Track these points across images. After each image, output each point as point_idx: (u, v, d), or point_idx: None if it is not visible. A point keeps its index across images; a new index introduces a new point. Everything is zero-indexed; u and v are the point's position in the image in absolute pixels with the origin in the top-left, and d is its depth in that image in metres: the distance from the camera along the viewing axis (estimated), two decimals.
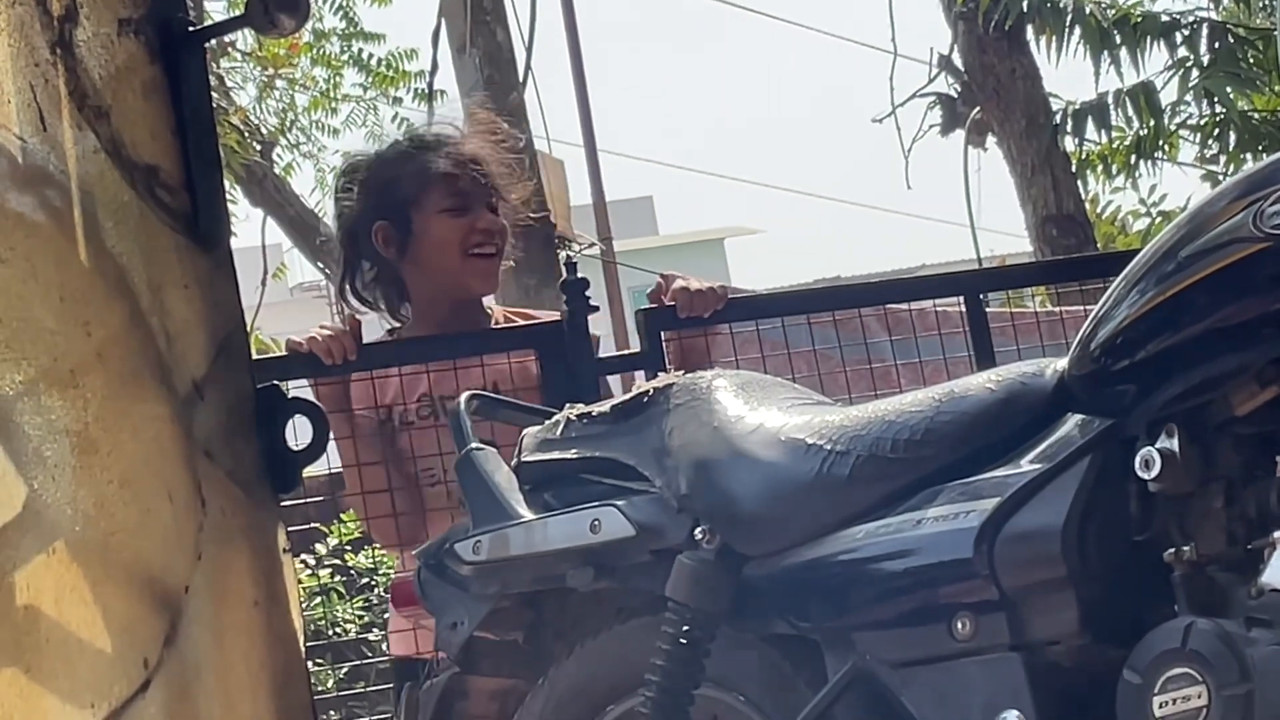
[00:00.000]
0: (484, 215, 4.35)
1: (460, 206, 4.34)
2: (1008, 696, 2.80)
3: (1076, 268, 6.37)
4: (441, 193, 4.34)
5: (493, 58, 8.50)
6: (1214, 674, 2.58)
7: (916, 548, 2.89)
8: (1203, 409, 2.73)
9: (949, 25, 10.02)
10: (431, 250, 4.36)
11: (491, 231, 4.36)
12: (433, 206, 4.34)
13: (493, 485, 3.35)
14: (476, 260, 4.37)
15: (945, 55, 10.13)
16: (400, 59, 13.07)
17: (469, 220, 4.34)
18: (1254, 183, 2.68)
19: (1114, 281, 2.82)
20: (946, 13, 9.97)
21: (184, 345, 2.39)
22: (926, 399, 3.03)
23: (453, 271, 4.39)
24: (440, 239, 4.35)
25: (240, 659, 2.38)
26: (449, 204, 4.34)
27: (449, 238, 4.34)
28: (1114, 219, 12.20)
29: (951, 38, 10.04)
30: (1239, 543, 2.69)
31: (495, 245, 4.37)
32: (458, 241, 4.34)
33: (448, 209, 4.34)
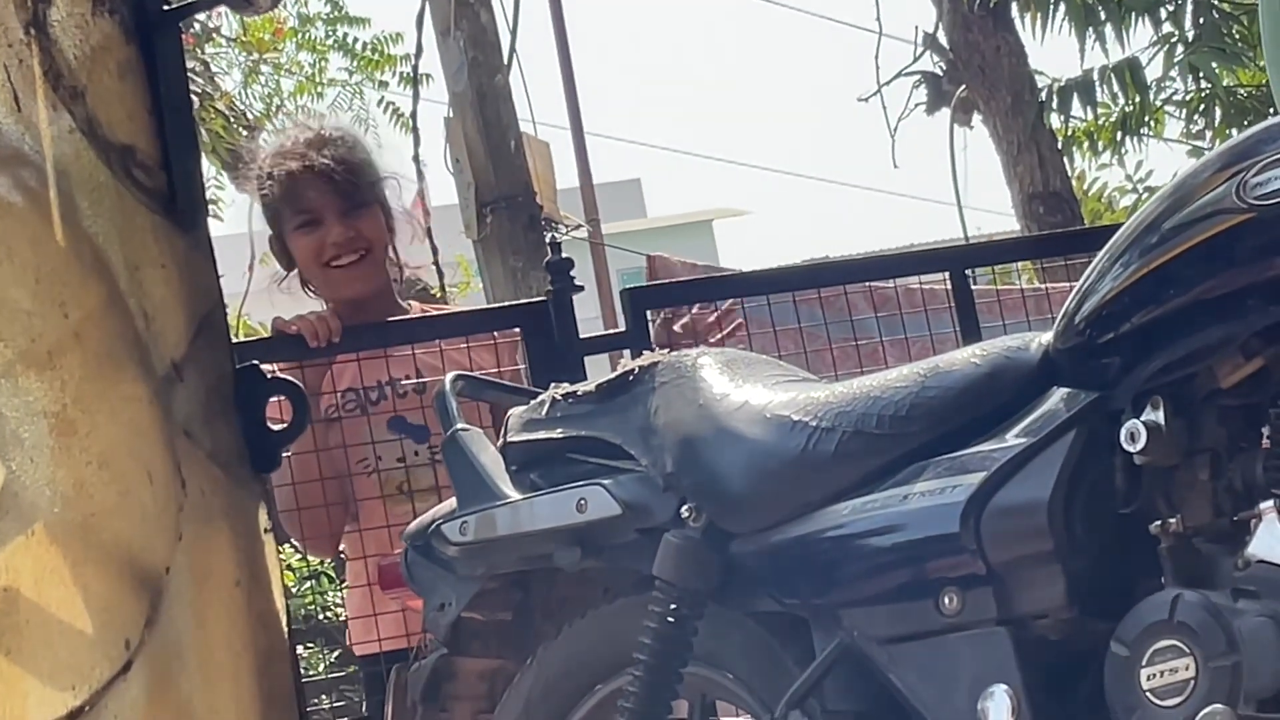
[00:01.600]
0: (334, 227, 4.35)
1: (308, 222, 4.37)
2: (995, 671, 2.80)
3: (1061, 243, 6.39)
4: (290, 213, 4.38)
5: (477, 40, 8.48)
6: (1201, 645, 2.58)
7: (903, 523, 2.89)
8: (1188, 381, 2.73)
9: (934, 3, 10.02)
10: (301, 266, 4.43)
11: (343, 242, 4.35)
12: (289, 225, 4.39)
13: (479, 466, 3.35)
14: (337, 272, 4.39)
15: (930, 33, 10.12)
16: (385, 43, 13.06)
17: (319, 235, 4.35)
18: (1237, 154, 2.67)
19: (1099, 255, 2.81)
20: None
21: (162, 325, 2.38)
22: (911, 374, 3.02)
23: (320, 284, 4.43)
24: (300, 257, 4.41)
25: (222, 640, 2.37)
26: (297, 222, 4.38)
27: (305, 256, 4.39)
28: (1100, 196, 12.21)
29: (936, 15, 10.04)
30: (1225, 514, 2.69)
31: (358, 250, 4.36)
32: (313, 258, 4.38)
33: (298, 227, 4.38)
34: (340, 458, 4.35)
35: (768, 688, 3.05)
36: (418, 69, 9.89)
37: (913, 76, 10.23)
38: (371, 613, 4.31)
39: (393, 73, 12.97)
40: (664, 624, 3.09)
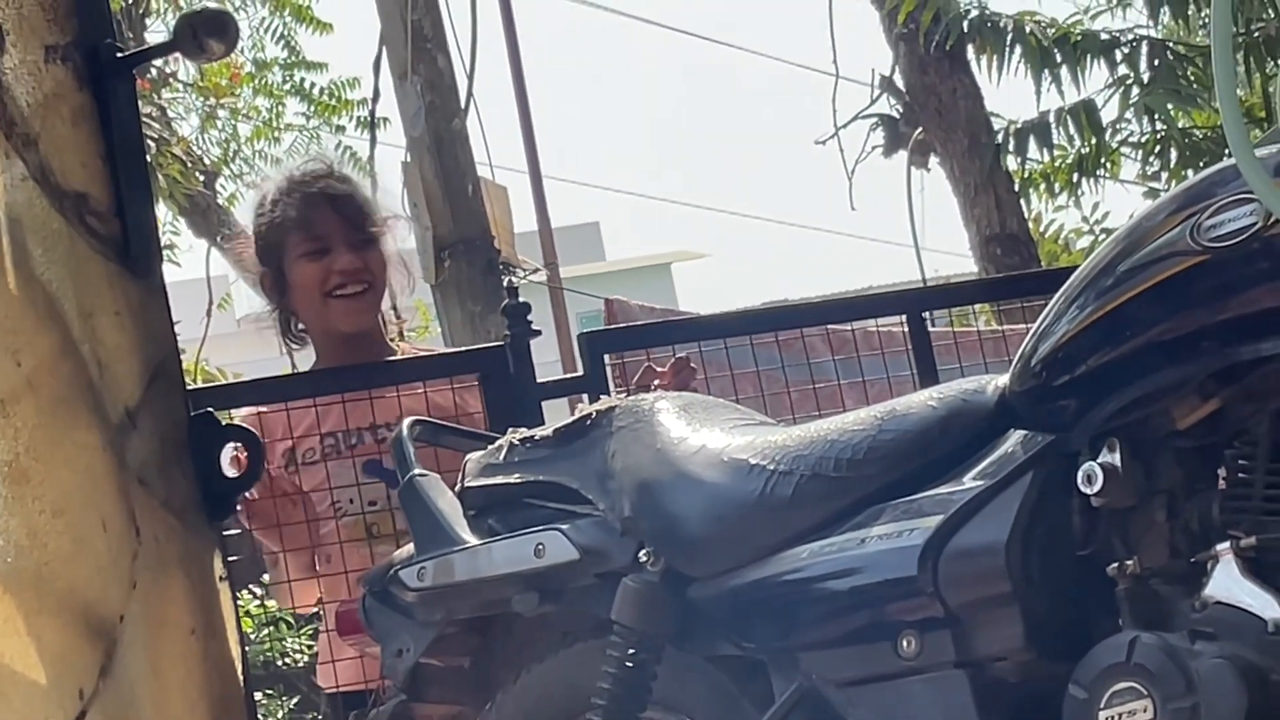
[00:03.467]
0: (343, 255, 4.32)
1: (317, 249, 4.33)
2: (954, 714, 2.81)
3: (1018, 285, 6.39)
4: (298, 238, 4.34)
5: (434, 84, 8.48)
6: (1159, 687, 2.58)
7: (861, 566, 2.89)
8: (1144, 423, 2.73)
9: (890, 46, 10.04)
10: (299, 295, 4.38)
11: (352, 270, 4.33)
12: (293, 251, 4.34)
13: (436, 511, 3.35)
14: (339, 301, 4.36)
15: (887, 76, 10.14)
16: (342, 88, 13.09)
17: (326, 262, 4.32)
18: (1192, 196, 2.69)
19: (1055, 297, 2.82)
20: (887, 34, 9.98)
21: (116, 373, 2.37)
22: (869, 417, 3.03)
23: (319, 314, 4.38)
24: (302, 284, 4.36)
25: (178, 688, 2.36)
26: (305, 248, 4.33)
27: (308, 283, 4.34)
28: (1057, 237, 12.25)
29: (893, 59, 10.05)
30: (1182, 555, 2.70)
31: (363, 281, 4.34)
32: (317, 285, 4.34)
33: (305, 253, 4.34)
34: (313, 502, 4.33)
35: None
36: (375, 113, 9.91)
37: (870, 119, 10.24)
38: (331, 659, 4.29)
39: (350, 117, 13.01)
40: (622, 669, 3.09)
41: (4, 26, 2.33)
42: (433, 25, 8.51)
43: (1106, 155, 9.86)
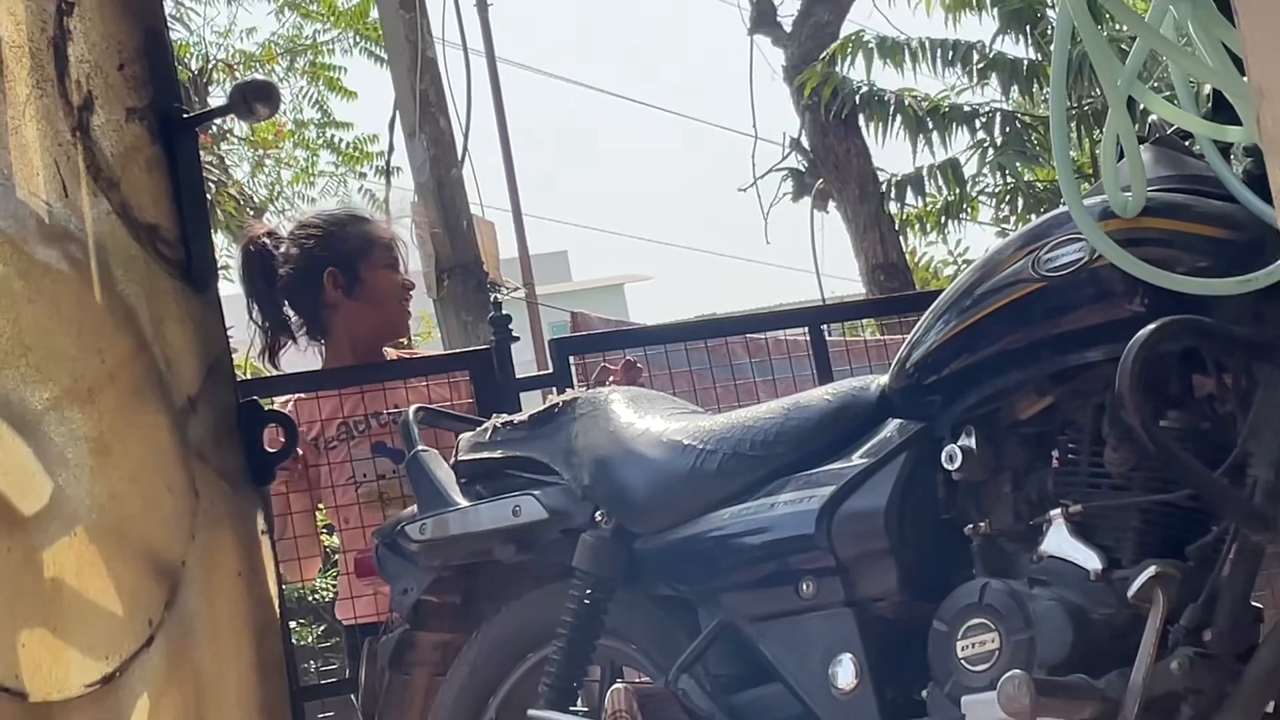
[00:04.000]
0: (407, 278, 4.44)
1: (395, 267, 4.39)
2: (843, 643, 2.80)
3: (897, 304, 6.39)
4: (384, 254, 4.37)
5: (437, 140, 8.46)
6: (1004, 623, 2.58)
7: (770, 526, 2.88)
8: (994, 414, 2.73)
9: (798, 114, 10.04)
10: (378, 295, 4.37)
11: (410, 287, 4.45)
12: (378, 263, 4.36)
13: (435, 479, 3.33)
14: (405, 308, 4.45)
15: (795, 138, 10.15)
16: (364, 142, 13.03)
17: (401, 278, 4.40)
18: (1034, 235, 2.68)
19: (925, 314, 2.82)
20: (796, 104, 9.98)
21: (180, 368, 2.36)
22: (778, 408, 3.02)
23: (391, 313, 4.41)
24: (385, 288, 4.37)
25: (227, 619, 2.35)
26: (389, 262, 4.38)
27: (390, 289, 4.38)
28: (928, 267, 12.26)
29: (800, 124, 10.06)
30: (1023, 519, 2.69)
31: (410, 298, 4.46)
32: (395, 292, 4.39)
33: (388, 265, 4.37)
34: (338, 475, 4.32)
35: (663, 656, 3.04)
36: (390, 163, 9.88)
37: (781, 172, 10.26)
38: (350, 596, 4.28)
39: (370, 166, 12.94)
40: (581, 605, 3.08)
41: (94, 92, 2.33)
42: (436, 93, 8.49)
43: (968, 203, 9.88)
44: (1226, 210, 2.54)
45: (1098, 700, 2.44)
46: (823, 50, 9.43)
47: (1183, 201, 2.56)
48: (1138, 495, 2.58)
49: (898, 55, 9.02)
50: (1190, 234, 2.53)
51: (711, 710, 2.92)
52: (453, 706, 3.27)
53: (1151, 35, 2.36)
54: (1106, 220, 2.53)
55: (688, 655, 2.95)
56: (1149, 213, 2.54)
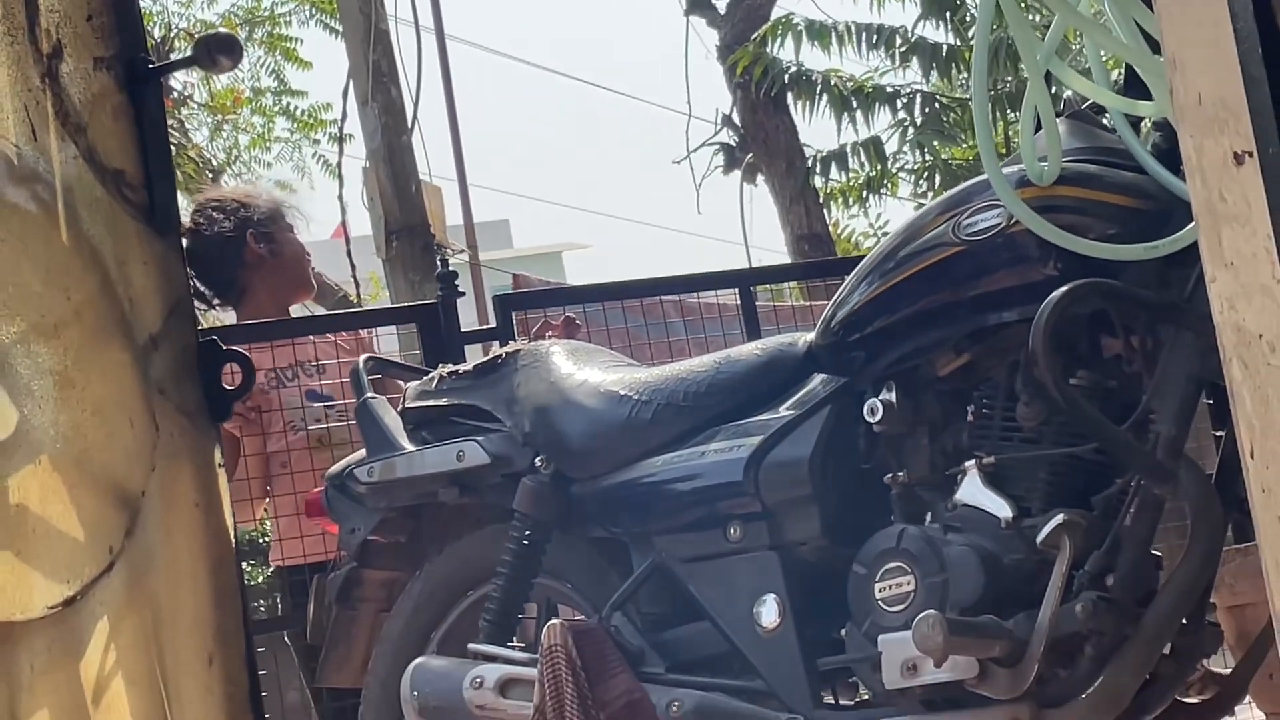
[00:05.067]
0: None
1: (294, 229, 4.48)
2: (767, 584, 2.80)
3: (821, 268, 6.40)
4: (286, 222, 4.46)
5: (388, 109, 8.38)
6: (920, 567, 2.59)
7: (701, 473, 2.88)
8: (914, 370, 2.74)
9: (730, 92, 10.03)
10: (290, 252, 4.46)
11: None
12: (285, 225, 4.45)
13: (383, 425, 3.31)
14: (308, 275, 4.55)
15: (727, 115, 10.13)
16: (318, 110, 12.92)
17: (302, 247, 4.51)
18: (953, 201, 2.69)
19: (850, 276, 2.82)
20: (728, 82, 9.96)
21: (143, 308, 2.33)
22: (710, 362, 3.02)
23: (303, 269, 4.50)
24: (295, 247, 4.47)
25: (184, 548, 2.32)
26: (291, 225, 4.47)
27: (298, 247, 4.48)
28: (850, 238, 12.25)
29: (732, 102, 10.05)
30: (939, 469, 2.70)
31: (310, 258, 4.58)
32: (299, 252, 4.48)
33: (290, 228, 4.46)
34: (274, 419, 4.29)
35: (598, 594, 3.04)
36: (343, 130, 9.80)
37: (713, 146, 10.24)
38: (299, 534, 4.25)
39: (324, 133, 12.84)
40: (520, 546, 3.07)
41: (63, 41, 2.29)
42: (388, 64, 8.42)
43: (888, 178, 9.89)
44: (1136, 181, 2.55)
45: (1006, 639, 2.46)
46: (754, 31, 9.40)
47: (1095, 172, 2.57)
48: (1047, 448, 2.59)
49: (825, 38, 9.01)
50: (1102, 202, 2.54)
51: (642, 645, 2.93)
52: (397, 640, 3.26)
53: (1070, 12, 2.37)
54: (1023, 188, 2.55)
55: (620, 594, 2.96)
56: (1063, 182, 2.55)
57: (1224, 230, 1.53)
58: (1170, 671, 2.61)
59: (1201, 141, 1.55)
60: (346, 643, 3.36)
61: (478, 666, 3.02)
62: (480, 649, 3.06)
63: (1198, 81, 1.55)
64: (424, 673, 3.08)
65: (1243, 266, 1.51)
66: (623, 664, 2.87)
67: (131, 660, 2.18)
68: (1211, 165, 1.54)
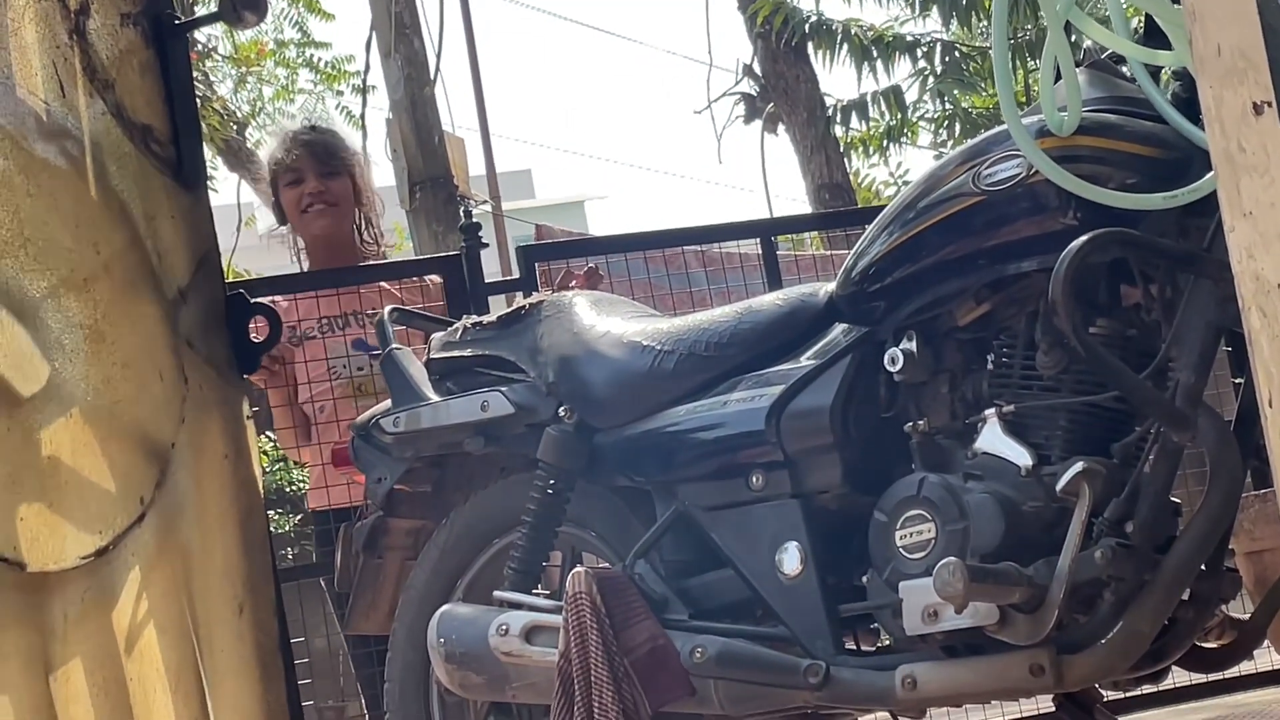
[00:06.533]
0: (311, 182, 4.36)
1: (295, 180, 4.37)
2: (789, 531, 2.80)
3: (845, 218, 6.38)
4: (284, 174, 4.39)
5: (411, 61, 8.38)
6: (940, 514, 2.59)
7: (723, 422, 2.88)
8: (935, 320, 2.74)
9: (750, 42, 10.00)
10: (289, 216, 4.42)
11: (315, 194, 4.37)
12: (282, 185, 4.40)
13: (409, 376, 3.31)
14: (310, 217, 4.39)
15: (748, 65, 10.10)
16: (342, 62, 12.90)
17: (300, 189, 4.37)
18: (974, 151, 2.68)
19: (870, 226, 2.81)
20: (749, 32, 9.93)
21: (171, 261, 2.34)
22: (731, 312, 3.02)
23: (299, 226, 4.42)
24: (288, 209, 4.41)
25: (214, 498, 2.34)
26: (287, 179, 4.39)
27: (289, 204, 4.40)
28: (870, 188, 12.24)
29: (752, 51, 10.01)
30: (959, 418, 2.70)
31: (325, 202, 4.38)
32: (294, 206, 4.39)
33: (288, 184, 4.39)
34: (316, 368, 4.31)
35: (621, 543, 3.04)
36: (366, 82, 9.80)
37: (734, 96, 10.21)
38: (324, 484, 4.27)
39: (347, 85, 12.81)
40: (544, 495, 3.08)
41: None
42: (410, 16, 8.40)
43: (909, 127, 9.88)
44: (1156, 130, 2.54)
45: (1026, 586, 2.46)
46: None
47: (1115, 121, 2.56)
48: (1067, 396, 2.59)
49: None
50: (1121, 152, 2.54)
51: (665, 593, 2.93)
52: (423, 588, 3.27)
53: None
54: (1043, 138, 2.53)
55: (644, 542, 2.96)
56: (1083, 131, 2.54)
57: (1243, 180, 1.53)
58: (1189, 617, 2.61)
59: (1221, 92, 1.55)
60: (373, 590, 3.37)
61: (503, 613, 3.02)
62: (505, 596, 3.07)
63: (1217, 32, 1.55)
64: (450, 620, 3.09)
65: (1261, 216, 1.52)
66: (646, 611, 2.88)
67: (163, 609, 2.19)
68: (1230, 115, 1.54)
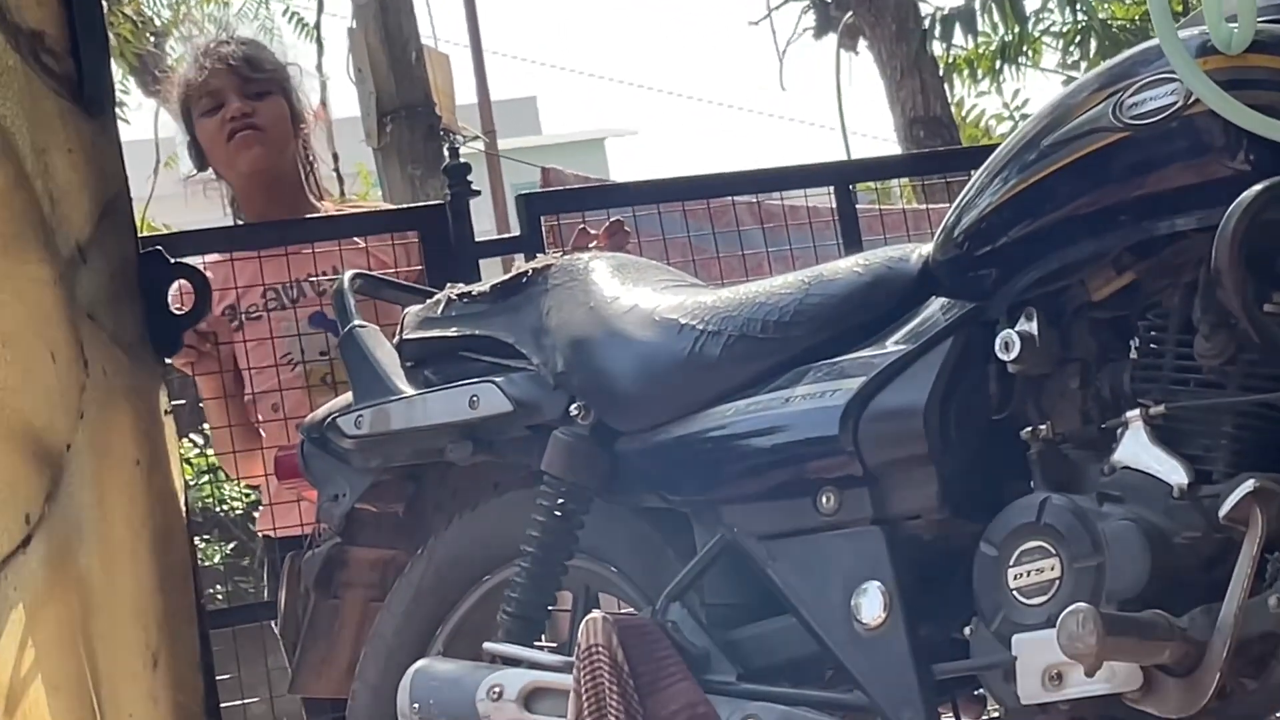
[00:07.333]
0: (231, 106, 4.40)
1: (213, 108, 4.42)
2: (869, 568, 2.81)
3: (941, 161, 6.37)
4: (199, 100, 4.44)
5: None
6: (1066, 547, 2.60)
7: (784, 424, 2.89)
8: (1061, 294, 2.74)
9: None
10: (209, 152, 4.46)
11: (239, 117, 4.41)
12: (197, 114, 4.44)
13: (375, 361, 3.33)
14: (235, 148, 4.42)
15: None
16: None
17: (220, 115, 4.40)
18: (1115, 75, 2.68)
19: (978, 172, 2.81)
20: None
21: (67, 208, 2.34)
22: (796, 281, 3.02)
23: (225, 163, 4.46)
24: (205, 140, 4.45)
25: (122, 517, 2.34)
26: (203, 107, 4.43)
27: (209, 136, 4.44)
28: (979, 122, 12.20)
29: None
30: (1093, 422, 2.71)
31: (252, 127, 4.41)
32: (215, 136, 4.43)
33: (204, 113, 4.44)
34: (262, 353, 4.32)
35: (650, 580, 3.05)
36: None
37: (802, 2, 10.21)
38: (270, 501, 4.29)
39: None
40: (551, 518, 3.09)
41: None
42: None
43: (1028, 43, 9.87)
44: None
45: (1179, 640, 2.46)
46: None
47: None
48: (1234, 394, 2.59)
49: None
50: None
51: (707, 646, 2.95)
52: (392, 638, 3.29)
53: None
54: (1206, 57, 2.54)
55: (680, 580, 2.97)
56: (1258, 48, 2.54)
57: None
58: None
59: None
60: (327, 640, 3.39)
61: (496, 672, 3.04)
62: (499, 649, 3.09)
63: None
64: (427, 679, 3.11)
65: None
66: (682, 669, 2.89)
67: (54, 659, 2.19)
68: None
